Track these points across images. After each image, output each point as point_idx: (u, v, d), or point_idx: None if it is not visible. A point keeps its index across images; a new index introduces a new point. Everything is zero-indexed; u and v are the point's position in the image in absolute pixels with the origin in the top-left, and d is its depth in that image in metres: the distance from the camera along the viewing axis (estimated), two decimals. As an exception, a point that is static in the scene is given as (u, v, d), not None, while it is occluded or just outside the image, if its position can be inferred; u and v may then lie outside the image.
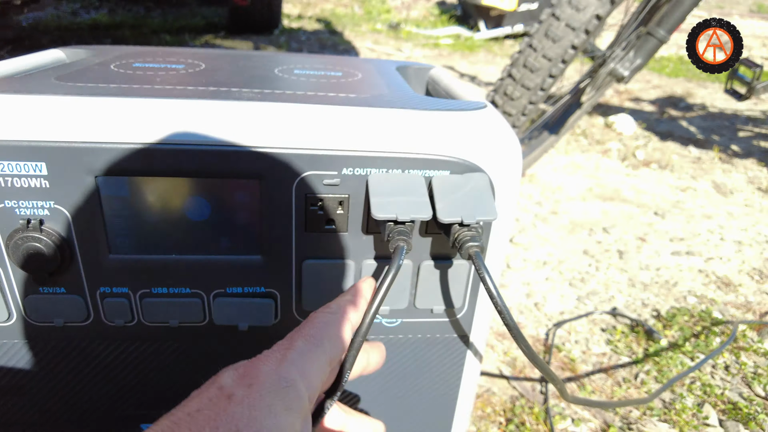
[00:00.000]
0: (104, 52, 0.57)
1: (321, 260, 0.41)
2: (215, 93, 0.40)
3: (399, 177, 0.38)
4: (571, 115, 1.57)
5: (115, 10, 3.97)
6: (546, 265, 1.20)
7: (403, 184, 0.38)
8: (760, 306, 1.11)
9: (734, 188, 1.75)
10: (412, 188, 0.38)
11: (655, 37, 1.27)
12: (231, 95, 0.40)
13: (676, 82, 3.24)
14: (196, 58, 0.55)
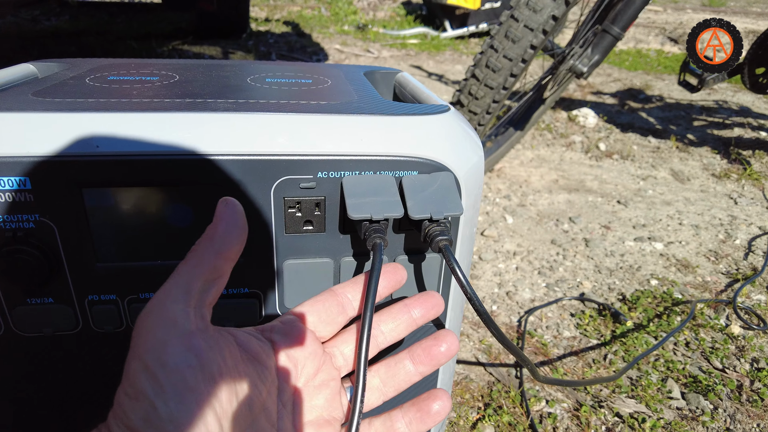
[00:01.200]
0: (77, 66, 0.58)
1: (301, 260, 0.43)
2: (192, 104, 0.42)
3: (371, 178, 0.41)
4: (535, 111, 1.63)
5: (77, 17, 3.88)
6: (516, 255, 1.25)
7: (376, 185, 0.40)
8: (716, 285, 1.18)
9: (691, 175, 1.83)
10: (384, 188, 0.40)
11: (610, 34, 1.32)
12: (207, 106, 0.42)
13: (635, 75, 3.35)
14: (169, 70, 0.57)
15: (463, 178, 0.44)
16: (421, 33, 3.88)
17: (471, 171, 0.46)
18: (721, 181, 1.80)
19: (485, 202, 1.50)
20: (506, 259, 1.23)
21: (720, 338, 1.00)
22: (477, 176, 0.47)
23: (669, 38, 4.71)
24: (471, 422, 0.78)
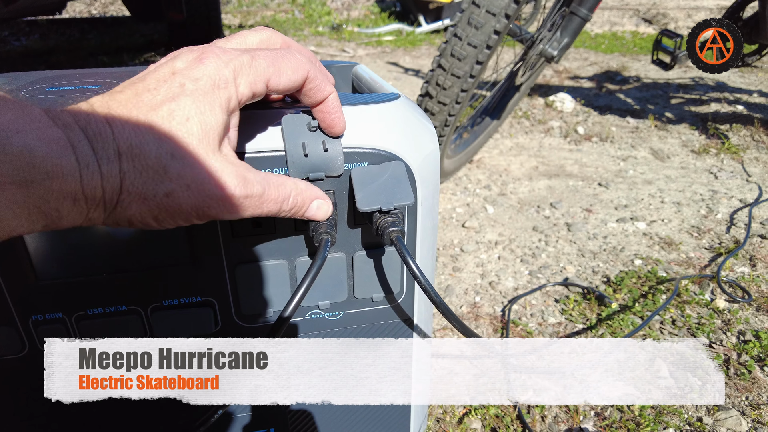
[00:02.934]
0: (17, 79, 0.56)
1: (253, 263, 0.41)
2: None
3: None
4: (510, 99, 1.62)
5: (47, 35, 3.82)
6: (498, 245, 1.24)
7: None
8: (700, 261, 1.18)
9: (670, 153, 1.83)
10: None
11: (578, 15, 1.32)
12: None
13: (611, 57, 3.36)
14: (114, 77, 0.55)
15: (418, 168, 0.43)
16: (396, 29, 3.87)
17: (426, 160, 0.44)
18: (700, 157, 1.80)
19: (465, 194, 1.49)
20: (488, 249, 1.22)
21: (705, 313, 1.00)
22: (433, 165, 0.46)
23: (643, 19, 4.73)
24: (458, 417, 0.77)
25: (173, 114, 0.28)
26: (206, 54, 0.30)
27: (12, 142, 0.23)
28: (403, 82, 2.68)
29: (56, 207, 0.25)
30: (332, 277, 0.44)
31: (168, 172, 0.28)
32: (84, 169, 0.26)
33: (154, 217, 0.29)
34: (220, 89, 0.29)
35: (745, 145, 1.88)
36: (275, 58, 0.32)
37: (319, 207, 0.36)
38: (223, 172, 0.30)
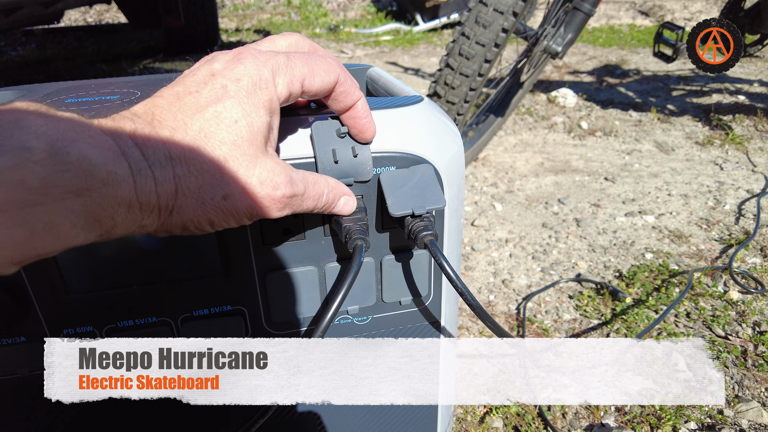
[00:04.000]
0: (34, 91, 0.56)
1: (283, 270, 0.41)
2: (153, 119, 0.40)
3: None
4: (513, 96, 1.62)
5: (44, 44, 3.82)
6: (508, 242, 1.23)
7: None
8: (711, 252, 1.18)
9: (675, 145, 1.83)
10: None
11: (581, 11, 1.32)
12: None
13: (610, 51, 3.36)
14: (131, 87, 0.55)
15: (444, 169, 0.43)
16: (393, 29, 3.86)
17: (451, 161, 0.44)
18: (705, 149, 1.80)
19: (473, 192, 1.49)
20: (499, 247, 1.21)
21: (720, 305, 1.00)
22: (458, 166, 0.45)
23: (640, 12, 4.73)
24: (479, 416, 0.77)
25: (220, 117, 0.28)
26: (243, 55, 0.30)
27: (69, 151, 0.23)
28: (403, 82, 2.68)
29: (111, 215, 0.25)
30: (361, 282, 0.44)
31: (224, 175, 0.28)
32: (137, 175, 0.26)
33: (210, 221, 0.29)
34: (261, 89, 0.30)
35: (749, 135, 1.88)
36: (309, 59, 0.32)
37: (346, 203, 0.37)
38: (275, 173, 0.30)
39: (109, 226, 0.26)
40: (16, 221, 0.22)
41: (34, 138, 0.23)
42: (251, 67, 0.30)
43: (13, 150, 0.22)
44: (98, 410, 0.43)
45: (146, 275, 0.40)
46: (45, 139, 0.23)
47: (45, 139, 0.23)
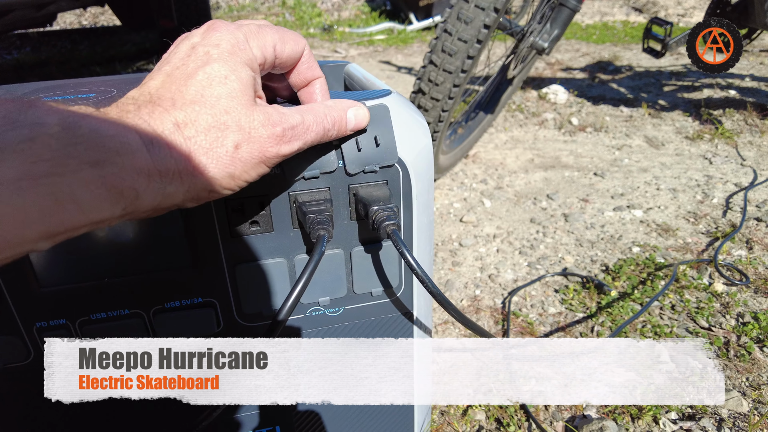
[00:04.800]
0: (12, 90, 0.57)
1: (252, 263, 0.42)
2: (122, 115, 0.41)
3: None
4: (503, 93, 1.62)
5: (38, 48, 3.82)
6: (496, 238, 1.24)
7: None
8: (697, 246, 1.19)
9: (665, 140, 1.84)
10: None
11: (567, 6, 1.32)
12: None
13: (603, 47, 3.36)
14: (108, 85, 0.55)
15: (412, 162, 0.43)
16: (387, 28, 3.87)
17: (419, 154, 0.45)
18: (694, 143, 1.81)
19: (462, 189, 1.50)
20: (486, 243, 1.22)
21: (704, 297, 1.00)
22: (426, 159, 0.46)
23: (633, 8, 4.74)
24: (461, 409, 0.78)
25: (211, 77, 0.30)
26: (216, 24, 0.33)
27: (80, 125, 0.25)
28: (396, 81, 2.68)
29: (131, 185, 0.26)
30: (331, 273, 0.44)
31: (229, 126, 0.30)
32: (149, 144, 0.27)
33: (231, 175, 0.31)
34: (239, 50, 0.32)
35: (739, 129, 1.89)
36: (279, 30, 0.35)
37: (356, 114, 0.38)
38: (269, 114, 0.32)
39: (132, 197, 0.27)
40: (38, 190, 0.23)
41: (47, 115, 0.24)
42: (226, 33, 0.32)
43: (28, 125, 0.24)
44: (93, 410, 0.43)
45: (118, 268, 0.40)
46: (57, 115, 0.25)
47: (57, 115, 0.25)
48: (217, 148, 0.30)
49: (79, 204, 0.24)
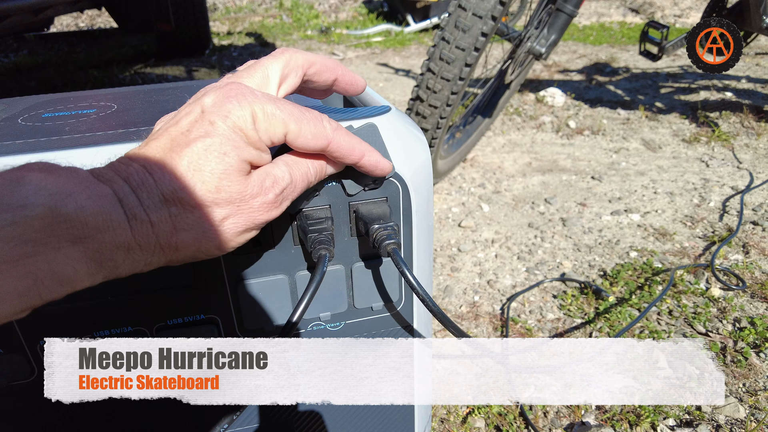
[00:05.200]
0: (13, 105, 0.57)
1: (254, 279, 0.42)
2: (124, 135, 0.41)
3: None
4: (500, 97, 1.63)
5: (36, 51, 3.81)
6: (494, 243, 1.25)
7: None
8: (694, 250, 1.19)
9: (662, 143, 1.85)
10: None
11: (564, 12, 1.33)
12: (140, 135, 0.41)
13: (600, 49, 3.37)
14: (108, 100, 0.56)
15: (410, 177, 0.44)
16: (384, 30, 3.87)
17: (418, 169, 0.45)
18: (691, 146, 1.81)
19: (460, 193, 1.50)
20: (485, 248, 1.23)
21: (701, 302, 1.01)
22: (425, 173, 0.47)
23: (630, 9, 4.75)
24: (461, 417, 0.78)
25: (209, 150, 0.29)
26: (232, 92, 0.31)
27: (66, 204, 0.25)
28: (394, 83, 2.69)
29: (111, 257, 0.27)
30: (332, 289, 0.45)
31: (218, 203, 0.29)
32: (132, 220, 0.27)
33: (217, 246, 0.31)
34: (246, 130, 0.30)
35: (735, 132, 1.90)
36: (299, 117, 0.32)
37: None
38: (263, 181, 0.31)
39: (112, 267, 0.27)
40: (18, 272, 0.24)
41: (33, 194, 0.25)
42: (238, 107, 0.30)
43: (12, 207, 0.24)
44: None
45: (120, 286, 0.41)
46: (43, 194, 0.25)
47: (43, 194, 0.25)
48: (203, 223, 0.29)
49: (57, 278, 0.25)
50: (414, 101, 1.13)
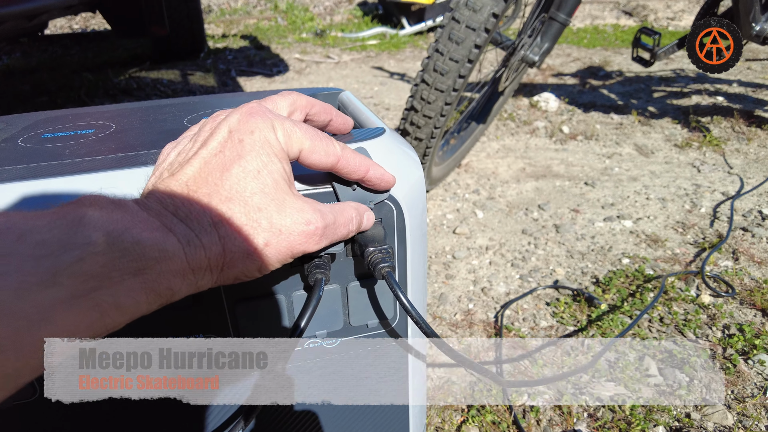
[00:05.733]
0: (12, 123, 0.58)
1: (252, 300, 0.43)
2: (125, 160, 0.42)
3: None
4: (494, 103, 1.64)
5: (29, 53, 3.80)
6: (488, 250, 1.26)
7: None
8: (685, 257, 1.21)
9: (654, 148, 1.87)
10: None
11: (557, 21, 1.34)
12: (140, 159, 0.42)
13: (594, 52, 3.40)
14: (106, 119, 0.56)
15: (404, 197, 0.45)
16: (379, 33, 3.88)
17: (412, 188, 0.46)
18: (683, 151, 1.83)
19: (455, 200, 1.52)
20: (479, 255, 1.24)
21: (692, 309, 1.03)
22: (419, 192, 0.48)
23: (624, 11, 4.78)
24: (456, 425, 0.79)
25: (245, 171, 0.31)
26: (255, 111, 0.34)
27: (124, 239, 0.27)
28: (389, 87, 2.70)
29: (168, 286, 0.28)
30: (328, 308, 0.46)
31: (261, 224, 0.31)
32: (186, 247, 0.29)
33: (258, 268, 0.32)
34: (271, 143, 0.33)
35: (726, 136, 1.92)
36: (313, 136, 0.35)
37: (368, 217, 0.41)
38: (304, 211, 0.33)
39: (168, 295, 0.29)
40: (87, 305, 0.25)
41: (94, 231, 0.26)
42: (261, 122, 0.33)
43: (79, 246, 0.26)
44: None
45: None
46: (102, 231, 0.27)
47: (102, 231, 0.27)
48: (248, 245, 0.31)
49: (120, 309, 0.27)
50: (408, 111, 1.15)
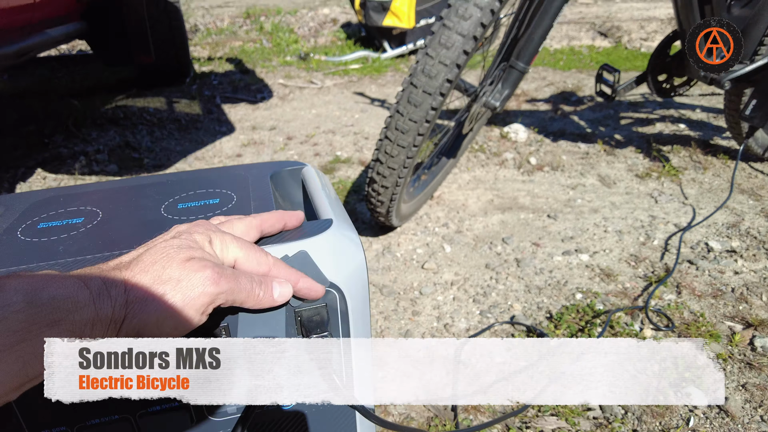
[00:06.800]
0: (10, 207, 0.65)
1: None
2: (109, 259, 0.50)
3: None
4: (463, 140, 1.74)
5: (16, 76, 3.85)
6: (453, 285, 1.35)
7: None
8: (634, 291, 1.31)
9: (617, 178, 1.98)
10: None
11: (516, 69, 1.45)
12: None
13: (568, 75, 3.53)
14: (93, 203, 0.65)
15: (344, 284, 0.53)
16: (362, 56, 3.99)
17: (353, 274, 0.55)
18: (643, 181, 1.95)
19: (425, 234, 1.61)
20: (444, 291, 1.33)
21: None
22: (360, 277, 0.56)
23: (599, 32, 4.94)
24: (413, 459, 0.88)
25: (166, 248, 0.39)
26: (200, 224, 0.43)
27: (41, 296, 0.33)
28: (369, 114, 2.80)
29: (80, 335, 0.35)
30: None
31: (164, 281, 0.37)
32: (97, 298, 0.35)
33: (156, 323, 0.38)
34: (200, 245, 0.40)
35: (684, 165, 2.04)
36: (248, 248, 0.44)
37: (281, 293, 0.45)
38: (206, 267, 0.39)
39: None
40: (11, 358, 0.32)
41: (14, 294, 0.33)
42: (198, 233, 0.41)
43: (0, 308, 0.32)
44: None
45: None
46: (22, 292, 0.33)
47: (22, 292, 0.33)
48: (146, 293, 0.36)
49: (41, 359, 0.33)
50: (382, 141, 1.24)
